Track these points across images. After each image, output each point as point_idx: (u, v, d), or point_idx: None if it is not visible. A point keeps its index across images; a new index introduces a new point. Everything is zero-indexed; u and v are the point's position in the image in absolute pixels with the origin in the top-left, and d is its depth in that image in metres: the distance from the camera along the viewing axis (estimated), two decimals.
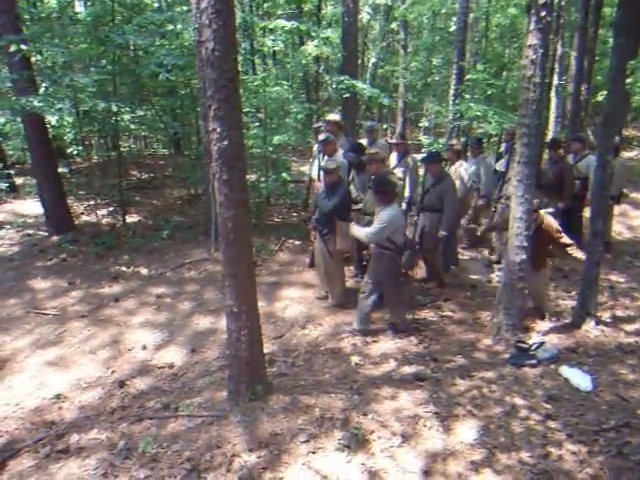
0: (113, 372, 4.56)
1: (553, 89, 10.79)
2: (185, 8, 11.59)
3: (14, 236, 7.76)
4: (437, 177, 5.74)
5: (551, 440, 3.29)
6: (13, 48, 6.40)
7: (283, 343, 4.86)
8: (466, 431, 3.41)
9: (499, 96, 9.92)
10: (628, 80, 4.93)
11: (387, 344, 4.78)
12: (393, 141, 6.68)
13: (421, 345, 4.75)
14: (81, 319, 5.47)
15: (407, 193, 6.21)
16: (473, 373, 4.14)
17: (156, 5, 13.00)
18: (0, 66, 10.70)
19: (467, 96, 9.50)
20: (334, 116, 7.44)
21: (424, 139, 12.57)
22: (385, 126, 19.49)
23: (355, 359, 4.50)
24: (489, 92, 9.19)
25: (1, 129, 9.27)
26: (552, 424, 3.45)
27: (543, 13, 4.09)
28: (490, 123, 8.11)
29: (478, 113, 8.04)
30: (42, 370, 4.59)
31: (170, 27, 9.35)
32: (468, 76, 9.83)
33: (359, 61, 13.56)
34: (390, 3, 14.03)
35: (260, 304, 4.60)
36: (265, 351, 4.02)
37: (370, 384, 4.01)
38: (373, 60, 15.43)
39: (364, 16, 14.47)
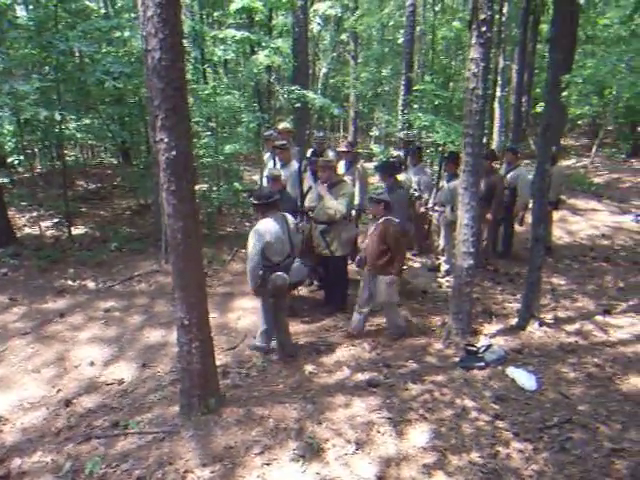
0: (59, 391, 4.37)
1: (496, 100, 11.25)
2: (133, 15, 11.38)
3: None
4: (390, 187, 5.79)
5: (499, 439, 3.40)
6: None
7: (237, 354, 4.80)
8: (418, 435, 3.48)
9: (446, 106, 10.25)
10: (563, 93, 5.22)
11: (341, 351, 4.81)
12: (342, 149, 6.76)
13: (374, 352, 4.80)
14: (23, 336, 5.22)
15: (357, 200, 6.31)
16: (425, 377, 4.22)
17: (103, 11, 12.71)
18: None
19: (415, 106, 9.75)
20: (286, 124, 7.48)
21: (375, 148, 12.80)
22: (337, 135, 19.75)
23: (309, 368, 4.50)
24: (436, 102, 9.48)
25: None
26: (500, 424, 3.57)
27: (484, 28, 4.27)
28: (437, 133, 8.35)
29: (426, 123, 8.27)
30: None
31: (117, 34, 9.15)
32: (416, 87, 10.10)
33: (310, 71, 13.70)
34: (340, 14, 14.24)
35: (212, 315, 4.57)
36: (218, 363, 3.98)
37: (324, 392, 4.02)
38: (324, 70, 15.62)
39: (314, 27, 14.61)
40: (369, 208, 5.19)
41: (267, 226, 4.34)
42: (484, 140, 5.79)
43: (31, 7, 8.92)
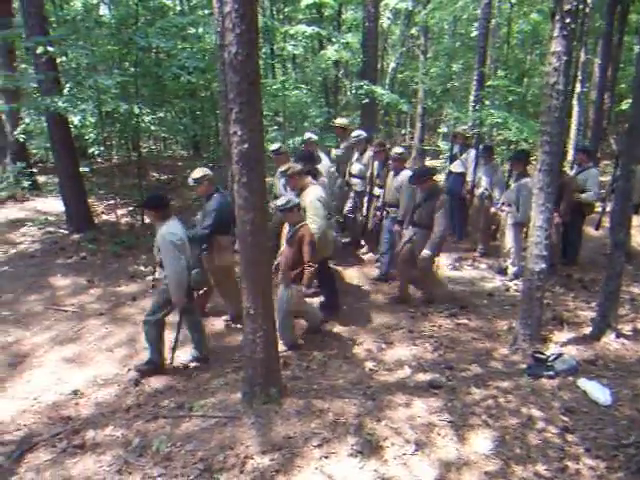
0: (129, 370, 4.61)
1: (575, 97, 10.66)
2: (207, 11, 11.72)
3: (36, 233, 7.90)
4: (429, 194, 5.50)
5: (568, 454, 3.23)
6: (40, 50, 6.53)
7: (298, 346, 4.86)
8: (481, 441, 3.37)
9: (520, 103, 9.84)
10: None
11: (402, 350, 4.76)
12: (374, 149, 6.63)
13: (436, 352, 4.71)
14: (99, 317, 5.54)
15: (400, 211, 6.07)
16: (489, 382, 4.09)
17: (178, 9, 13.19)
18: (26, 67, 10.95)
19: (487, 102, 9.43)
20: (341, 120, 7.52)
21: (443, 145, 12.51)
22: (403, 131, 19.44)
23: (369, 365, 4.48)
24: (510, 99, 9.11)
25: (26, 128, 9.47)
26: (570, 437, 3.39)
27: (568, 20, 4.04)
28: (510, 130, 8.04)
29: (498, 120, 7.97)
30: (60, 366, 4.66)
31: (192, 30, 9.48)
32: (489, 82, 9.76)
33: (378, 66, 13.56)
34: (411, 8, 13.98)
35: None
36: (280, 354, 4.04)
37: (384, 390, 3.99)
38: (392, 65, 15.40)
39: (384, 21, 14.46)
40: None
41: (175, 229, 4.22)
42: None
43: (113, 6, 9.39)
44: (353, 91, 9.26)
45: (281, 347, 4.46)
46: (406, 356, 4.64)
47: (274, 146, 6.40)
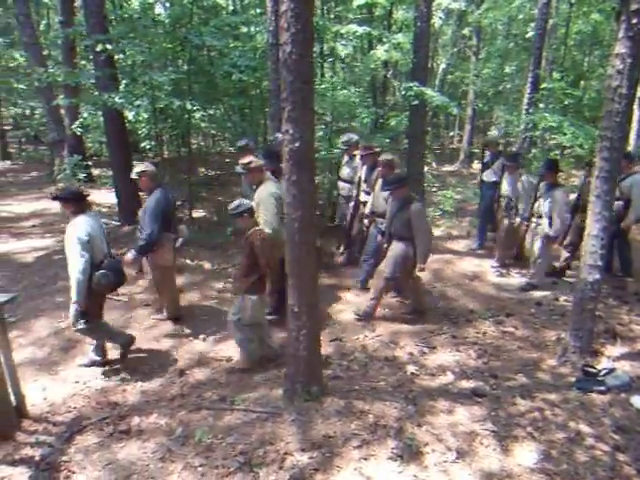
0: (174, 360, 4.72)
1: (636, 101, 10.18)
2: (259, 11, 11.88)
3: None
4: (402, 202, 5.17)
5: (619, 474, 3.10)
6: (99, 47, 6.79)
7: (339, 346, 4.86)
8: (526, 454, 3.27)
9: (576, 107, 9.49)
10: None
11: (445, 355, 4.68)
12: (361, 152, 6.35)
13: (480, 360, 4.61)
14: (146, 307, 5.70)
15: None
16: (535, 394, 3.96)
17: (231, 8, 13.42)
18: (85, 63, 11.41)
19: (542, 105, 9.14)
20: (386, 156, 7.27)
21: None
22: (452, 134, 19.10)
23: (411, 368, 4.43)
24: (565, 102, 8.79)
25: (83, 122, 9.86)
26: (621, 457, 3.25)
27: (635, 20, 3.86)
28: (565, 134, 7.77)
29: (553, 124, 7.71)
30: (109, 353, 4.81)
31: (244, 29, 9.62)
32: (544, 85, 9.46)
33: (429, 67, 13.37)
34: (464, 8, 13.73)
35: None
36: (322, 352, 4.04)
37: (426, 395, 3.93)
38: (443, 66, 15.18)
39: (436, 21, 14.26)
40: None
41: (85, 224, 4.08)
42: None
43: (168, 4, 9.64)
44: (402, 92, 9.13)
45: (325, 347, 4.49)
46: (449, 362, 4.56)
47: (241, 142, 6.38)
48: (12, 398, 3.66)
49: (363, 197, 6.46)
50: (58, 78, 9.17)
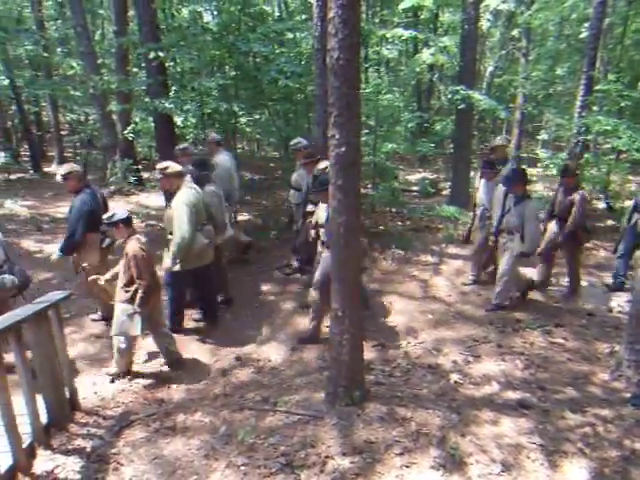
0: (217, 361, 4.82)
1: None
2: (304, 17, 12.00)
3: (139, 225, 8.49)
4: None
5: None
6: (152, 55, 7.04)
7: (381, 352, 4.83)
8: (576, 470, 3.15)
9: (633, 109, 9.09)
10: None
11: (490, 365, 4.56)
12: (302, 160, 6.03)
13: (527, 371, 4.46)
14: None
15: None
16: (586, 408, 3.81)
17: (277, 15, 13.63)
18: (137, 71, 11.84)
19: (595, 108, 8.81)
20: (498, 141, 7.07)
21: (541, 153, 11.86)
22: (499, 138, 18.64)
23: (455, 377, 4.34)
24: (622, 104, 8.43)
25: (135, 128, 10.24)
26: None
27: None
28: (620, 138, 7.45)
29: (607, 127, 7.41)
30: (156, 351, 4.95)
31: (290, 35, 9.74)
32: (598, 87, 9.11)
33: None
34: (513, 9, 13.42)
35: None
36: (364, 358, 4.02)
37: (470, 405, 3.85)
38: (490, 69, 14.89)
39: (484, 23, 14.00)
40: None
41: None
42: None
43: (215, 12, 9.88)
44: (448, 96, 9.04)
45: (367, 353, 4.47)
46: (494, 371, 4.45)
47: (181, 145, 6.37)
48: (66, 391, 3.83)
49: (309, 207, 5.95)
50: (112, 85, 9.57)
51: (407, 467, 3.14)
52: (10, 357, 3.31)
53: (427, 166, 14.83)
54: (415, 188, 11.38)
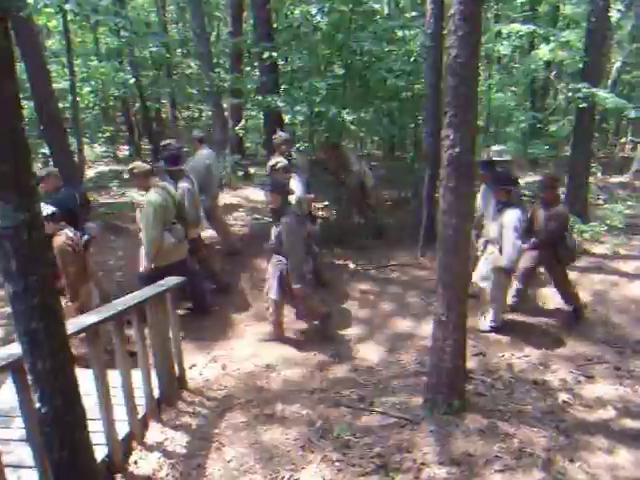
0: (315, 354, 4.90)
1: None
2: (414, 14, 11.79)
3: (246, 218, 8.86)
4: (278, 212, 4.87)
5: None
6: (266, 54, 7.32)
7: (483, 362, 4.63)
8: None
9: None
10: None
11: (605, 388, 4.20)
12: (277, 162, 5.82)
13: None
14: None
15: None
16: None
17: (386, 12, 13.52)
18: (249, 69, 12.38)
19: None
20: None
21: None
22: (623, 140, 17.06)
23: (563, 396, 4.05)
24: None
25: (245, 125, 10.73)
26: None
27: None
28: None
29: None
30: (256, 340, 5.16)
31: (400, 33, 9.63)
32: None
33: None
34: None
35: None
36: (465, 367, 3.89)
37: (581, 428, 3.58)
38: (617, 64, 13.61)
39: (613, 15, 12.82)
40: None
41: None
42: None
43: (326, 10, 10.01)
44: (569, 94, 8.41)
45: (468, 361, 4.32)
46: (610, 395, 4.09)
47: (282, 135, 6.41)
48: (176, 370, 4.12)
49: None
50: (226, 84, 10.08)
51: None
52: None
53: (539, 169, 13.98)
54: (527, 192, 10.74)
